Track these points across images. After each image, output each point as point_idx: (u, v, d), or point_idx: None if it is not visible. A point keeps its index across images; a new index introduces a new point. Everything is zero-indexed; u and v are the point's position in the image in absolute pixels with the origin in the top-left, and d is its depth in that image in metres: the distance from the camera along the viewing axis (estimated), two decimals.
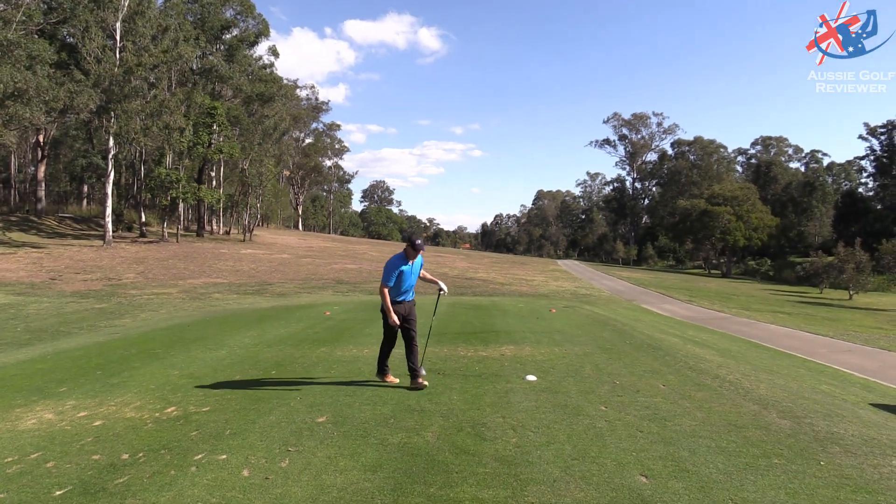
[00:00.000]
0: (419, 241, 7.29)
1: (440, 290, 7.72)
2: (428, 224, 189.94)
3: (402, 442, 5.31)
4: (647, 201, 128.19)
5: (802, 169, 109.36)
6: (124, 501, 4.14)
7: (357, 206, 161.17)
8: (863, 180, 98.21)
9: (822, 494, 4.25)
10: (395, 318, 7.18)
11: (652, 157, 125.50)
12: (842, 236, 63.76)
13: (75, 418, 6.42)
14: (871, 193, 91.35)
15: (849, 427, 6.29)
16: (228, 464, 4.84)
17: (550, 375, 8.29)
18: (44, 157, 51.93)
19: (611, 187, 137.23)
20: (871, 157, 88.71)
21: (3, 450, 5.41)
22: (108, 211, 43.56)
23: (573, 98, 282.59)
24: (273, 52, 63.70)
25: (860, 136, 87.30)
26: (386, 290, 7.25)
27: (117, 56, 42.41)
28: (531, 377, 8.07)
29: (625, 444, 5.27)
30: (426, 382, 7.29)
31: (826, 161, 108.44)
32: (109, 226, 43.42)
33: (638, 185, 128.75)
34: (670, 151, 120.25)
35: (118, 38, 43.01)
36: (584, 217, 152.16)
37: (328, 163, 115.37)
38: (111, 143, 43.03)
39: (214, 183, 59.60)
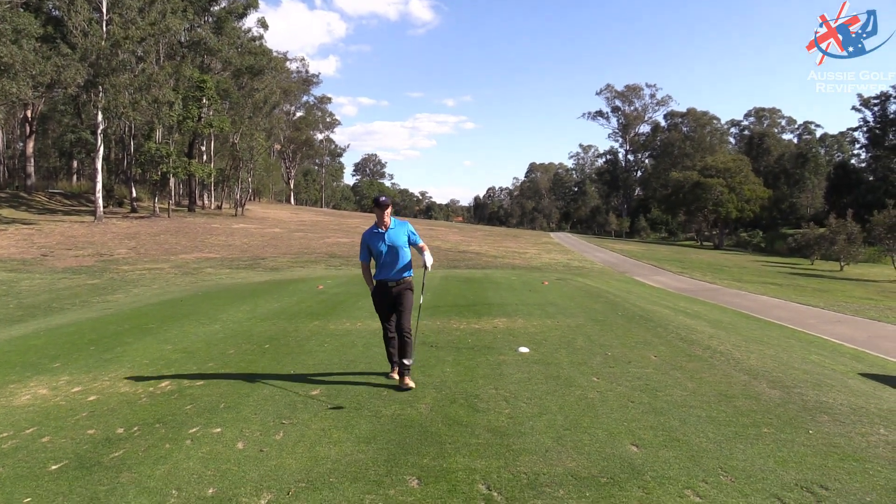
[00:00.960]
0: (383, 198, 6.29)
1: (423, 264, 6.40)
2: (420, 197, 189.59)
3: (395, 414, 5.35)
4: (639, 173, 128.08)
5: (795, 140, 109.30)
6: (120, 475, 4.17)
7: (349, 179, 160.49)
8: (855, 152, 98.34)
9: (811, 462, 4.31)
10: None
11: (645, 128, 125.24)
12: (834, 208, 63.88)
13: (70, 393, 6.44)
14: (863, 165, 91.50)
15: (838, 396, 6.36)
16: (223, 437, 4.87)
17: (543, 347, 8.33)
18: (32, 132, 51.35)
19: (603, 159, 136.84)
20: (864, 129, 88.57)
21: None
22: (99, 186, 43.21)
23: (566, 69, 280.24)
24: (262, 23, 62.92)
25: (853, 108, 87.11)
26: (363, 267, 6.62)
27: (104, 29, 41.73)
28: (524, 349, 8.11)
29: (616, 415, 5.33)
30: (412, 384, 6.19)
31: (819, 132, 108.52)
32: (100, 201, 43.11)
33: (631, 157, 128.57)
34: (663, 123, 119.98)
35: (104, 10, 42.27)
36: (576, 189, 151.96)
37: (319, 136, 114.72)
38: (100, 117, 42.51)
39: (205, 157, 59.17)
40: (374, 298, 6.46)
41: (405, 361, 6.19)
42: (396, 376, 6.41)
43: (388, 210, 6.20)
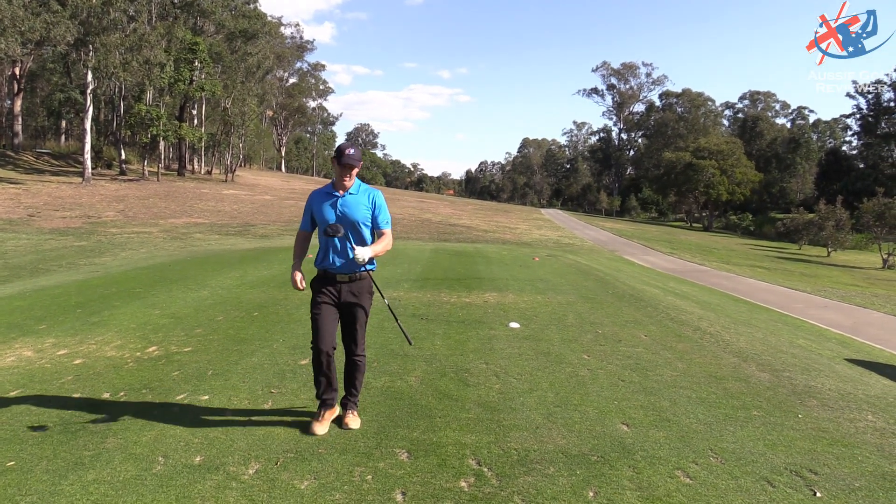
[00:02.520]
0: (351, 150, 4.29)
1: (349, 251, 4.28)
2: (412, 169, 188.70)
3: (385, 386, 5.32)
4: (632, 153, 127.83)
5: (788, 125, 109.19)
6: (106, 440, 4.11)
7: None
8: (847, 139, 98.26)
9: (800, 446, 4.32)
10: (297, 278, 4.41)
11: (639, 107, 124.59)
12: (824, 194, 64.17)
13: (55, 356, 6.37)
14: (854, 152, 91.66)
15: (826, 381, 6.39)
16: (211, 404, 4.82)
17: (533, 323, 8.33)
18: (20, 90, 50.53)
19: (597, 137, 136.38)
20: (857, 116, 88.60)
21: None
22: (87, 147, 42.66)
23: (563, 45, 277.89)
24: None
25: (848, 94, 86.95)
26: (297, 236, 4.65)
27: None
28: (514, 324, 8.11)
29: (606, 393, 5.32)
30: (357, 422, 4.43)
31: (812, 118, 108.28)
32: (88, 163, 42.59)
33: (624, 135, 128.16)
34: (658, 103, 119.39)
35: None
36: (568, 167, 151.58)
37: (312, 104, 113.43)
38: (90, 77, 41.81)
39: (196, 121, 58.53)
40: (314, 297, 4.42)
41: (353, 392, 4.49)
42: (325, 424, 4.35)
43: (355, 171, 4.36)
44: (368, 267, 4.38)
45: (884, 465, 4.08)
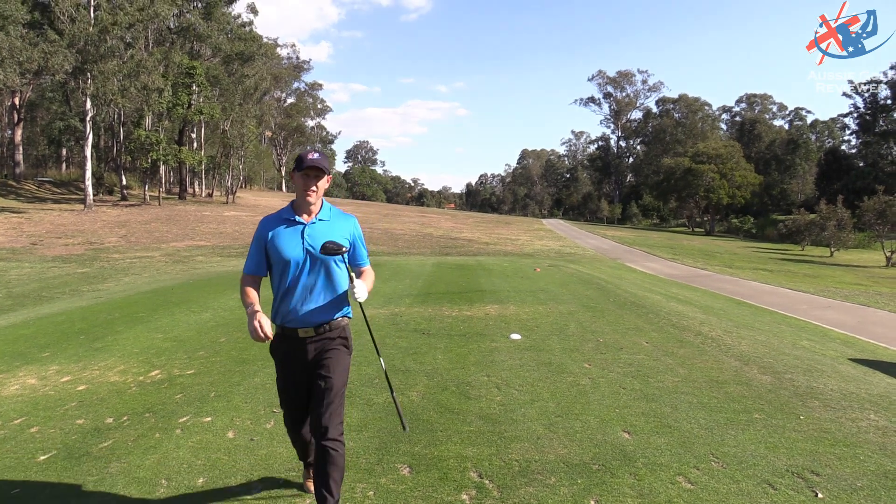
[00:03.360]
0: (315, 155, 3.25)
1: (352, 292, 3.28)
2: (412, 184, 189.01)
3: (387, 402, 5.33)
4: (631, 160, 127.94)
5: (786, 127, 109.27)
6: (109, 465, 4.14)
7: (341, 166, 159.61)
8: (846, 138, 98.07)
9: (801, 448, 4.32)
10: (258, 326, 3.17)
11: (637, 115, 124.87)
12: (824, 194, 64.12)
13: (59, 383, 6.39)
14: (853, 151, 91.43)
15: (828, 382, 6.38)
16: (213, 426, 4.84)
17: (535, 334, 8.33)
18: (20, 119, 50.86)
19: (595, 146, 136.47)
20: (855, 115, 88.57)
21: None
22: (88, 174, 42.83)
23: (559, 56, 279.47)
24: (252, 9, 62.20)
25: (844, 94, 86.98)
26: (243, 282, 3.47)
27: (92, 15, 41.19)
28: (515, 336, 8.12)
29: (608, 401, 5.33)
30: None
31: (810, 119, 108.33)
32: (90, 189, 42.75)
33: (622, 143, 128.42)
34: (655, 109, 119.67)
35: None
36: (568, 176, 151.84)
37: (311, 123, 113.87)
38: (88, 104, 42.05)
39: (195, 145, 58.75)
40: (277, 363, 3.54)
41: (327, 497, 3.14)
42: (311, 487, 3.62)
43: (322, 184, 3.30)
44: (336, 315, 3.39)
45: (886, 464, 4.09)
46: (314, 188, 3.25)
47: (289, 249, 3.27)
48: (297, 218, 3.31)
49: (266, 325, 3.16)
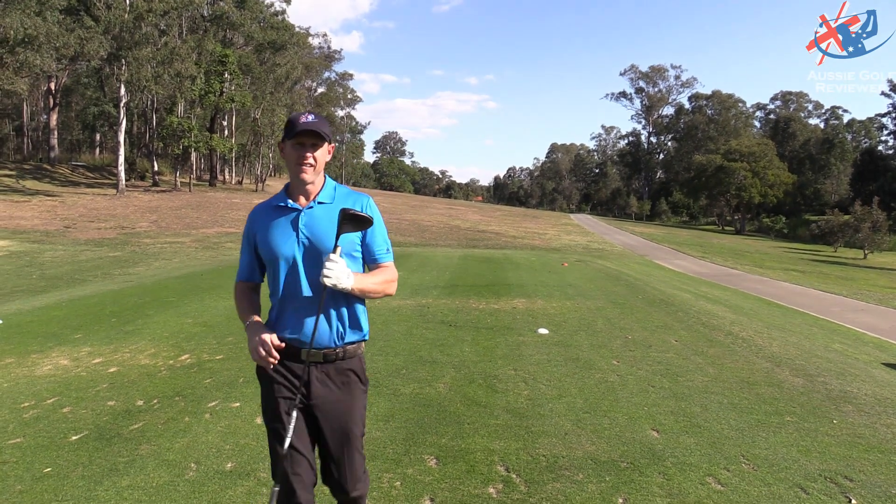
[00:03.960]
0: (307, 118, 2.43)
1: (322, 275, 2.32)
2: (440, 176, 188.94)
3: (414, 392, 5.33)
4: (662, 156, 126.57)
5: (822, 125, 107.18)
6: (139, 447, 4.19)
7: (369, 157, 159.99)
8: (883, 138, 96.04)
9: (835, 452, 4.24)
10: (259, 344, 2.43)
11: (668, 110, 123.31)
12: (859, 195, 62.82)
13: (90, 365, 6.49)
14: (891, 152, 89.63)
15: (862, 386, 6.26)
16: (242, 411, 4.88)
17: (562, 329, 8.29)
18: (55, 104, 51.75)
19: (625, 141, 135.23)
20: (893, 115, 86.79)
21: (20, 395, 5.47)
22: (121, 159, 43.49)
23: (590, 49, 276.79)
24: None
25: (882, 93, 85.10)
26: (236, 291, 2.86)
27: (127, 2, 41.71)
28: (543, 330, 8.07)
29: (636, 399, 5.28)
30: None
31: (846, 118, 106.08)
32: (122, 174, 43.42)
33: (653, 139, 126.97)
34: (687, 105, 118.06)
35: None
36: (597, 171, 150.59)
37: (340, 113, 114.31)
38: (122, 90, 42.67)
39: (226, 132, 59.30)
40: (264, 391, 2.64)
41: None
42: None
43: (323, 154, 2.50)
44: (349, 338, 2.52)
45: None
46: (310, 161, 2.43)
47: (278, 244, 2.49)
48: (291, 203, 2.51)
49: (263, 344, 2.43)
